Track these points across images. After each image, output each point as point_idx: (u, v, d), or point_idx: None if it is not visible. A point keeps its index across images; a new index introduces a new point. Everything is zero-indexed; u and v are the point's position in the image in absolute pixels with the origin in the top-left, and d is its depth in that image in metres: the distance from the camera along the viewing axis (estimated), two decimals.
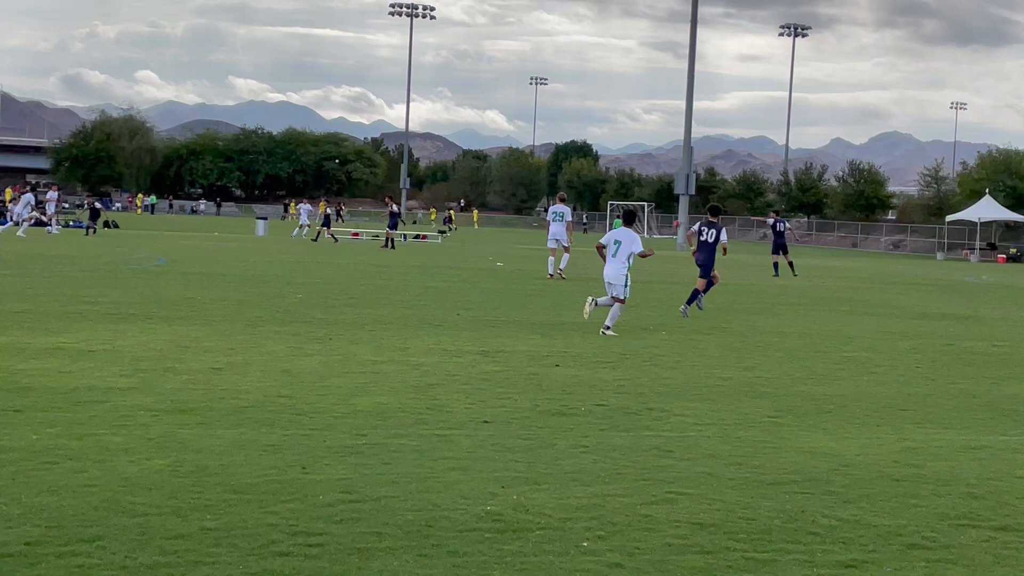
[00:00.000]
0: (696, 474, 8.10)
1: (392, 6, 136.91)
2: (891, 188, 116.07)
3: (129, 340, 14.10)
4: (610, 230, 19.63)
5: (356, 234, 62.61)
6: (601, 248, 18.20)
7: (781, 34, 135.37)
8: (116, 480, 7.30)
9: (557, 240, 30.54)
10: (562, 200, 32.45)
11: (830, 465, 8.59)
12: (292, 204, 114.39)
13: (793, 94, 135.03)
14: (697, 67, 72.75)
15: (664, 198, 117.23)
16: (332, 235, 54.30)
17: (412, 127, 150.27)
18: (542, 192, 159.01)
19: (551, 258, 30.75)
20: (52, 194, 55.91)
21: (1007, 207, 77.22)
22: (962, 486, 8.08)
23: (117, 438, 8.52)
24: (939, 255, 77.51)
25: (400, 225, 57.13)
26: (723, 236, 21.76)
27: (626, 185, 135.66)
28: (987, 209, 74.35)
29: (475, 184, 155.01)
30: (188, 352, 13.29)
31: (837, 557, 6.28)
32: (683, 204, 74.43)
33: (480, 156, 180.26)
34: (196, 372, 11.82)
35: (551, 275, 30.24)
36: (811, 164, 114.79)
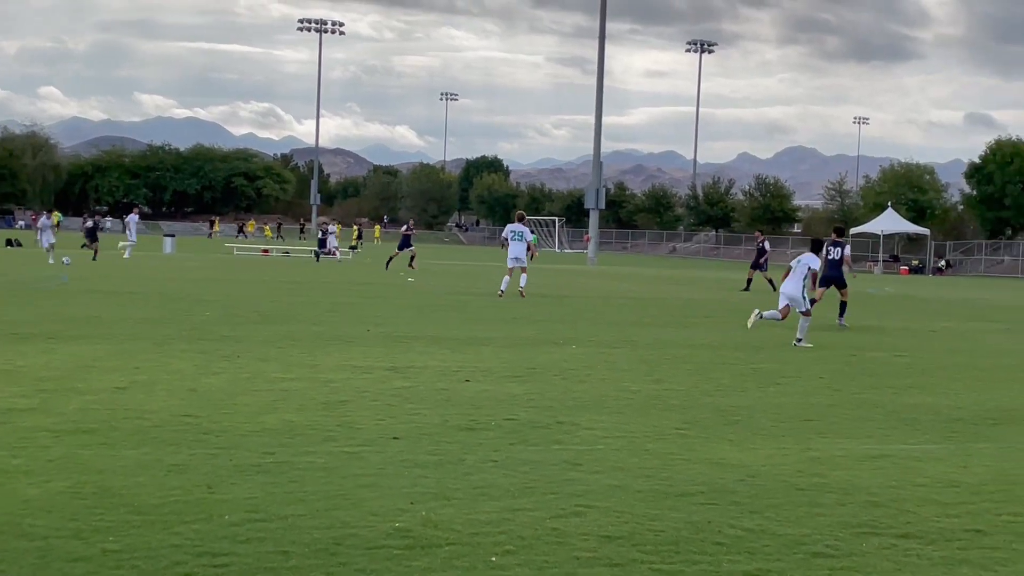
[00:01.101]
0: (605, 487, 8.14)
1: (301, 21, 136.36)
2: (797, 202, 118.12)
3: (30, 360, 13.81)
4: None
5: (266, 251, 62.06)
6: (789, 271, 20.53)
7: (688, 50, 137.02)
8: (15, 503, 7.15)
9: (517, 259, 29.63)
10: (521, 219, 31.41)
11: (736, 476, 8.69)
12: (216, 221, 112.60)
13: (700, 109, 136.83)
14: (605, 82, 73.34)
15: (574, 213, 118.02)
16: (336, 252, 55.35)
17: (322, 143, 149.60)
18: (453, 207, 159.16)
19: (507, 277, 29.81)
20: None
21: (909, 220, 78.93)
22: (864, 495, 8.21)
23: (16, 460, 8.34)
24: (844, 267, 78.76)
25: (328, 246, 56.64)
26: (847, 251, 24.82)
27: (537, 200, 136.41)
28: (890, 222, 75.89)
29: (386, 199, 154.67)
30: (91, 372, 13.06)
31: (743, 567, 6.34)
32: (593, 219, 74.93)
33: (391, 172, 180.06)
34: (99, 392, 11.61)
35: (502, 293, 29.31)
36: (718, 178, 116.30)
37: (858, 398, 13.28)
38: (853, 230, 79.87)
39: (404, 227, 49.82)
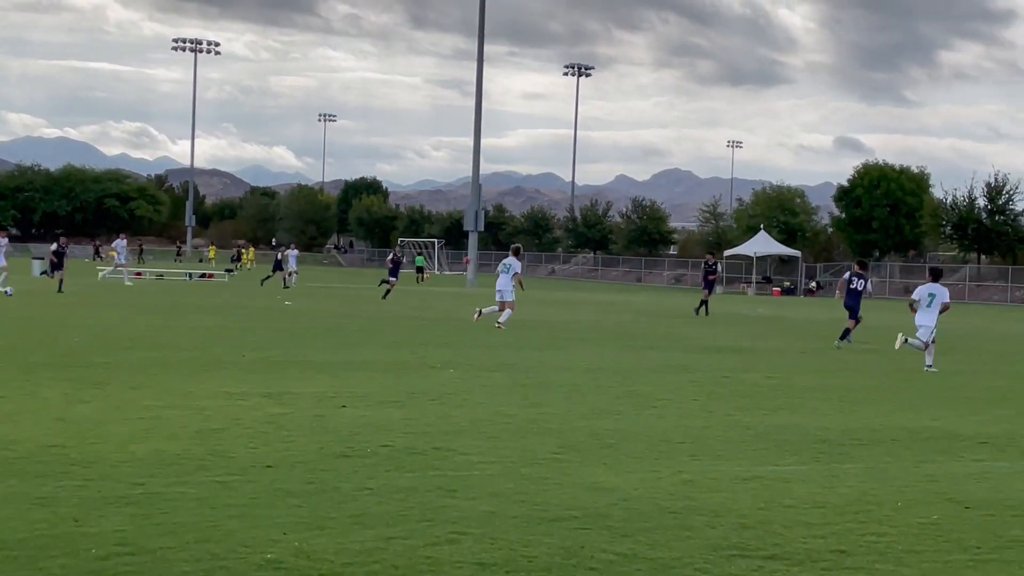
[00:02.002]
0: (479, 513, 8.16)
1: (175, 41, 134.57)
2: (673, 223, 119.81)
3: None
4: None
5: (139, 274, 60.96)
6: (913, 302, 21.78)
7: (565, 73, 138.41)
8: None
9: (499, 292, 28.83)
10: (516, 253, 30.50)
11: (610, 500, 8.78)
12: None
13: (578, 132, 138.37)
14: (484, 104, 73.69)
15: (454, 235, 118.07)
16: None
17: (198, 163, 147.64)
18: (332, 229, 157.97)
19: (494, 307, 28.90)
20: None
21: (780, 242, 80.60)
22: (734, 517, 8.36)
23: None
24: (718, 288, 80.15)
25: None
26: (868, 286, 25.43)
27: (416, 222, 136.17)
28: (762, 244, 77.41)
29: (263, 221, 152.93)
30: None
31: None
32: (472, 241, 75.12)
33: (268, 193, 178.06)
34: None
35: (478, 315, 28.75)
36: (596, 200, 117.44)
37: (730, 420, 13.52)
38: (727, 252, 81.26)
39: (390, 255, 47.97)
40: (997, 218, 76.92)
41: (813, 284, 77.53)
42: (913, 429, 13.21)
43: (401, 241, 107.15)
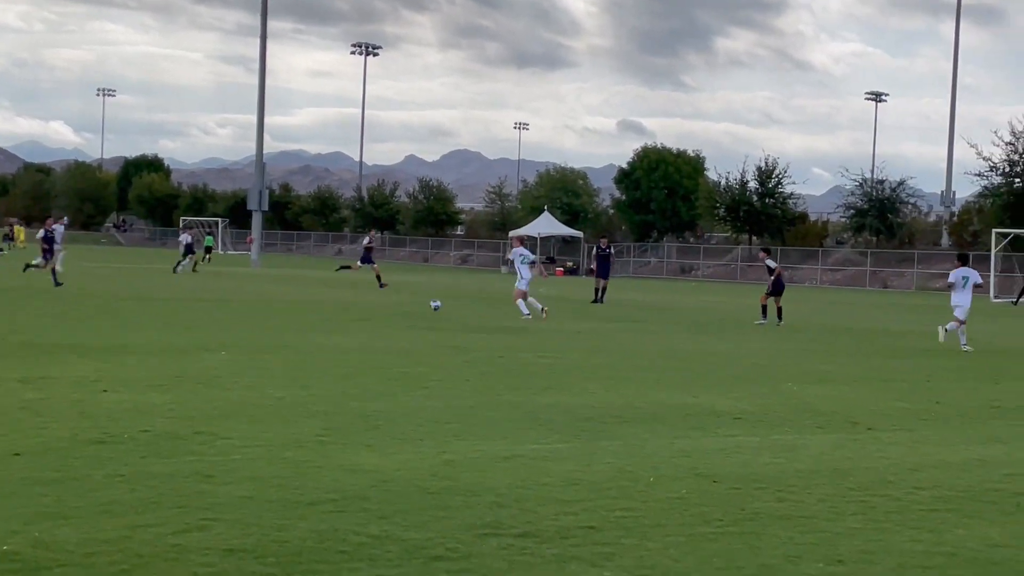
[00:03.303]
0: (235, 498, 8.06)
1: None
2: (461, 204, 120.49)
3: None
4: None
5: None
6: (951, 285, 24.07)
7: (352, 52, 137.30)
8: None
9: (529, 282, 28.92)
10: (522, 242, 30.77)
11: (370, 481, 8.79)
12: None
13: (367, 111, 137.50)
14: (269, 82, 72.44)
15: (239, 214, 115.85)
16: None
17: None
18: (111, 207, 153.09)
19: (525, 300, 28.51)
20: None
21: (564, 223, 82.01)
22: (491, 496, 8.49)
23: None
24: (503, 269, 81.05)
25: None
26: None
27: (200, 200, 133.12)
28: (546, 224, 78.61)
29: (38, 199, 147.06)
30: None
31: (362, 574, 6.44)
32: (256, 220, 73.91)
33: (43, 169, 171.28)
34: None
35: (528, 316, 27.99)
36: (383, 181, 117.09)
37: (499, 399, 13.70)
38: (511, 232, 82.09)
39: (366, 240, 45.82)
40: (767, 200, 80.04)
41: (594, 265, 79.07)
42: (673, 406, 13.66)
43: (184, 220, 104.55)
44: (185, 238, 53.13)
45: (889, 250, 74.28)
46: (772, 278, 29.38)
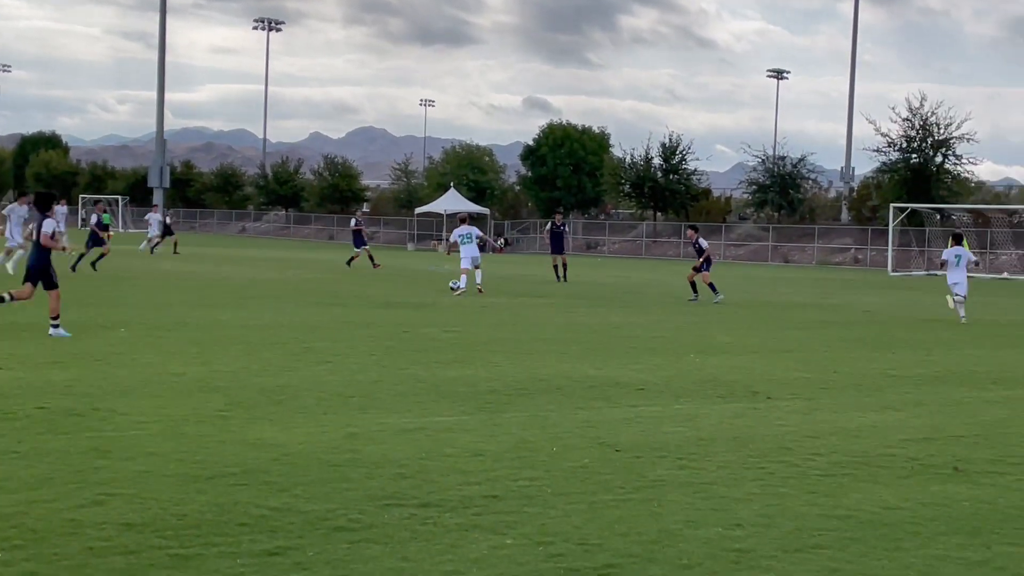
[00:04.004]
0: (133, 473, 7.95)
1: None
2: (367, 181, 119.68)
3: None
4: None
5: None
6: (944, 263, 25.18)
7: (255, 27, 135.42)
8: None
9: (474, 259, 29.63)
10: (464, 220, 31.50)
11: (271, 455, 8.73)
12: None
13: (270, 88, 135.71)
14: (169, 58, 71.32)
15: (140, 192, 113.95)
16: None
17: None
18: (8, 185, 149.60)
19: (464, 277, 29.17)
20: None
21: (470, 200, 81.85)
22: (394, 467, 8.48)
23: None
24: (410, 246, 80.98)
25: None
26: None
27: (99, 178, 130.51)
28: (452, 202, 78.36)
29: None
30: None
31: (263, 546, 6.39)
32: (158, 197, 72.92)
33: None
34: None
35: (461, 290, 28.77)
36: (287, 158, 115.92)
37: (403, 373, 13.67)
38: (418, 210, 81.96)
39: (352, 222, 44.51)
40: (672, 177, 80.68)
41: (501, 241, 79.17)
42: (577, 378, 13.74)
43: (82, 198, 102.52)
44: (154, 217, 52.04)
45: (790, 225, 75.40)
46: (701, 259, 29.29)
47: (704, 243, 29.90)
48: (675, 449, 9.56)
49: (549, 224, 39.32)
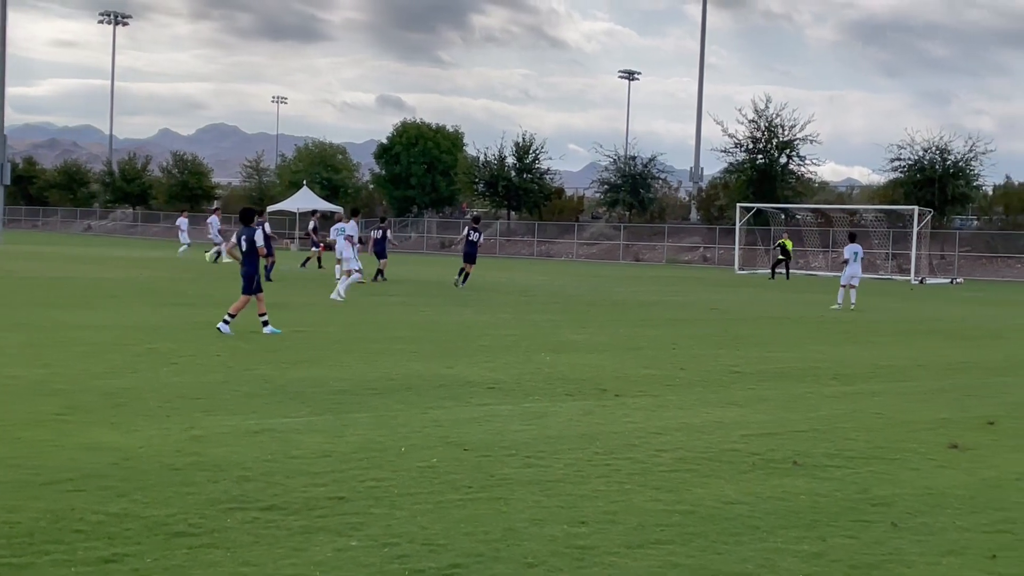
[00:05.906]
0: None
1: None
2: (219, 179, 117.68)
3: None
4: None
5: None
6: (845, 260, 29.77)
7: (100, 21, 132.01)
8: None
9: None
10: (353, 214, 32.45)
11: (111, 460, 8.51)
12: None
13: (116, 83, 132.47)
14: (9, 50, 68.98)
15: None
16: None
17: None
18: None
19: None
20: None
21: (323, 198, 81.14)
22: (238, 470, 8.34)
23: None
24: (293, 247, 79.78)
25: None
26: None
27: None
28: (304, 200, 77.56)
29: None
30: None
31: (99, 553, 6.22)
32: None
33: None
34: None
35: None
36: (135, 154, 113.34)
37: (251, 374, 13.46)
38: (270, 208, 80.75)
39: (311, 225, 43.63)
40: (525, 176, 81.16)
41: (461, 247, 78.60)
42: (427, 377, 13.72)
43: None
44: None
45: (641, 224, 76.49)
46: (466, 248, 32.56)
47: (475, 235, 33.29)
48: (523, 447, 9.61)
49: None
